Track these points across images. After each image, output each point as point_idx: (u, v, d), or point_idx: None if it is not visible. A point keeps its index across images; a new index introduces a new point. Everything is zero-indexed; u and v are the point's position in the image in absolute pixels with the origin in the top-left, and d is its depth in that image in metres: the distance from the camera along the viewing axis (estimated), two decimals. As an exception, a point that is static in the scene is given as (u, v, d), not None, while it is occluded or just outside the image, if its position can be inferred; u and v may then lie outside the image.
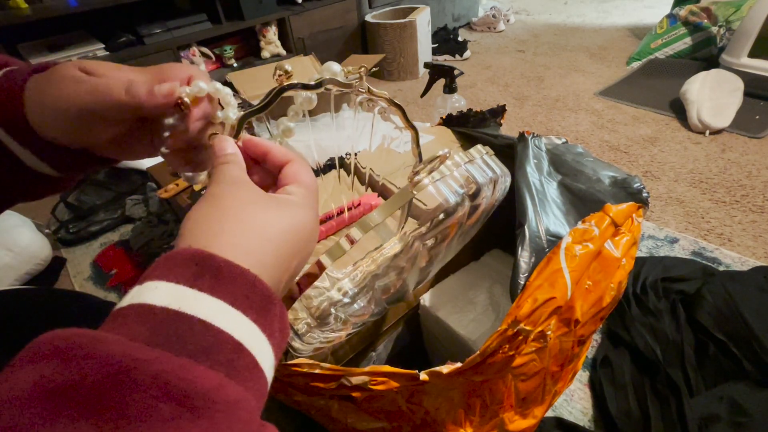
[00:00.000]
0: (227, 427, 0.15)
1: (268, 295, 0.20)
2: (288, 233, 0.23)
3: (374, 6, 2.16)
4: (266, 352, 0.19)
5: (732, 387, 0.62)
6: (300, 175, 0.26)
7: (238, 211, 0.22)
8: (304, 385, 0.42)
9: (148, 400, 0.14)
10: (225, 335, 0.17)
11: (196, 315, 0.17)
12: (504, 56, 2.18)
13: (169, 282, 0.18)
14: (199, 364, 0.16)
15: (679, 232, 1.00)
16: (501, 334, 0.39)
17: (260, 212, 0.22)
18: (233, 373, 0.17)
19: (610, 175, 0.55)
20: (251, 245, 0.21)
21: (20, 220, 1.08)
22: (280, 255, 0.22)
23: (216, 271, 0.19)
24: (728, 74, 1.43)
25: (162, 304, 0.17)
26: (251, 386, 0.18)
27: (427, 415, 0.45)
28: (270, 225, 0.22)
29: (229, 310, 0.18)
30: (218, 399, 0.15)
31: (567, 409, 0.68)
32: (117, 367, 0.14)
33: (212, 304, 0.18)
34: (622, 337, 0.73)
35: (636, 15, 2.58)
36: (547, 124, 1.53)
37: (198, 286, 0.18)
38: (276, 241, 0.22)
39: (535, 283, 0.41)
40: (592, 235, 0.44)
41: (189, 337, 0.17)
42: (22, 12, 1.36)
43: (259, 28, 1.86)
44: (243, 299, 0.19)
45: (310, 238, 0.24)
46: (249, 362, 0.18)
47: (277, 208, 0.23)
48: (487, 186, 0.36)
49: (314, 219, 0.25)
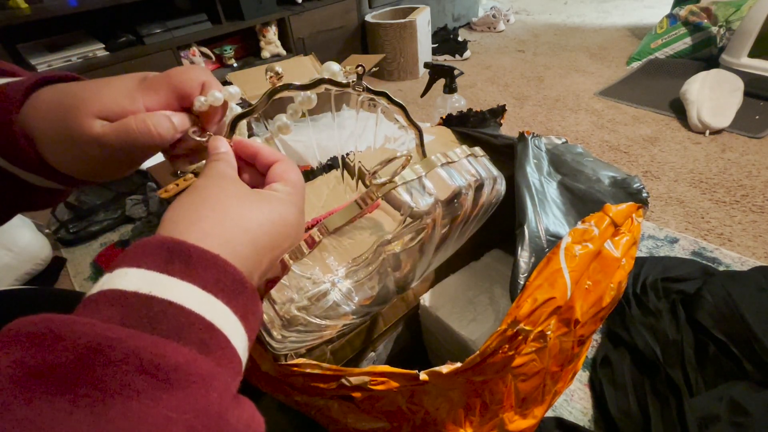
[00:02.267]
0: (201, 397, 0.16)
1: (239, 279, 0.20)
2: (266, 225, 0.23)
3: (374, 6, 2.16)
4: (239, 332, 0.20)
5: (732, 387, 0.62)
6: (286, 173, 0.27)
7: (217, 202, 0.23)
8: (304, 385, 0.42)
9: (122, 375, 0.15)
10: (196, 316, 0.18)
11: (167, 298, 0.18)
12: (504, 56, 2.18)
13: (140, 268, 0.18)
14: (171, 341, 0.17)
15: (679, 232, 1.00)
16: (501, 334, 0.39)
17: (240, 204, 0.23)
18: (205, 351, 0.18)
19: (610, 175, 0.55)
20: (227, 234, 0.21)
21: (20, 220, 1.08)
22: (257, 246, 0.22)
23: (187, 257, 0.19)
24: (728, 74, 1.43)
25: (133, 288, 0.18)
26: (225, 363, 0.18)
27: (427, 415, 0.45)
28: (248, 217, 0.23)
29: (200, 293, 0.19)
30: (192, 372, 0.16)
31: (567, 409, 0.68)
32: (90, 347, 0.15)
33: (183, 288, 0.18)
34: (622, 337, 0.73)
35: (636, 15, 2.58)
36: (547, 124, 1.53)
37: (169, 272, 0.19)
38: (253, 233, 0.22)
39: (535, 283, 0.41)
40: (592, 235, 0.44)
41: (161, 319, 0.17)
42: (22, 12, 1.36)
43: (259, 28, 1.86)
44: (214, 283, 0.19)
45: (290, 232, 0.25)
46: (221, 341, 0.19)
47: (257, 201, 0.24)
48: (467, 190, 0.35)
49: (296, 214, 0.25)
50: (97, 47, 1.53)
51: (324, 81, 0.33)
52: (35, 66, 1.41)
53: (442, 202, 0.33)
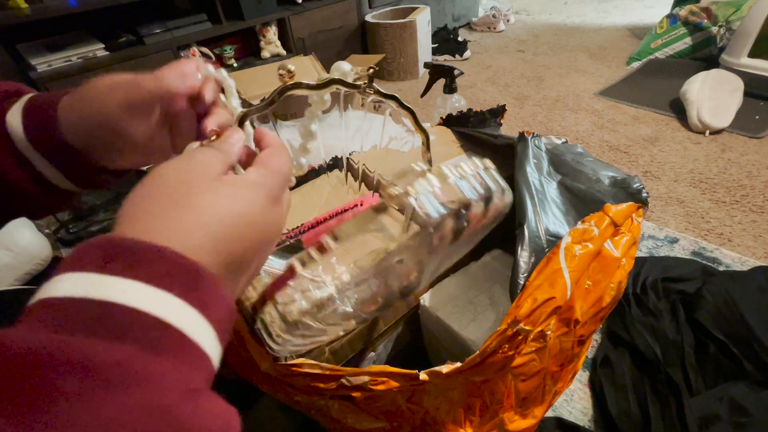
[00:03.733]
0: (148, 396, 0.15)
1: (194, 270, 0.19)
2: (223, 211, 0.22)
3: (374, 6, 2.16)
4: (199, 326, 0.19)
5: (732, 387, 0.62)
6: (268, 157, 0.26)
7: (171, 190, 0.22)
8: (304, 385, 0.42)
9: (50, 382, 0.14)
10: (140, 314, 0.17)
11: (105, 299, 0.17)
12: (504, 56, 2.18)
13: (76, 272, 0.18)
14: (105, 342, 0.16)
15: (679, 232, 1.00)
16: (500, 334, 0.39)
17: (198, 191, 0.22)
18: (154, 348, 0.17)
19: (610, 175, 0.55)
20: (177, 224, 0.21)
21: (20, 220, 1.08)
22: (218, 234, 0.21)
23: (129, 253, 0.19)
24: (728, 74, 1.43)
25: (66, 294, 0.17)
26: (182, 359, 0.18)
27: (427, 415, 0.45)
28: (204, 205, 0.22)
29: (146, 289, 0.18)
30: (133, 371, 0.15)
31: (567, 409, 0.68)
32: (13, 359, 0.14)
33: (125, 286, 0.18)
34: (622, 337, 0.73)
35: (636, 15, 2.58)
36: (547, 124, 1.53)
37: (108, 271, 0.18)
38: (209, 220, 0.21)
39: (535, 283, 0.41)
40: (592, 235, 0.44)
41: (98, 321, 0.17)
42: (22, 12, 1.36)
43: (259, 28, 1.86)
44: (163, 277, 0.18)
45: (256, 220, 0.23)
46: (175, 337, 0.18)
47: (220, 187, 0.23)
48: (478, 203, 0.34)
49: (265, 200, 0.24)
50: (97, 47, 1.53)
51: (335, 81, 0.33)
52: (35, 66, 1.41)
53: (452, 213, 0.33)
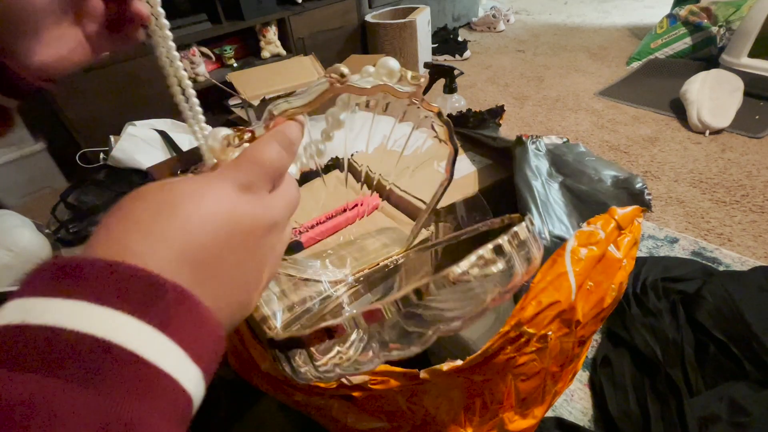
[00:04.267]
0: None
1: (152, 283, 0.18)
2: (193, 220, 0.20)
3: (374, 6, 2.16)
4: (158, 343, 0.17)
5: (732, 387, 0.62)
6: (251, 149, 0.24)
7: (132, 214, 0.20)
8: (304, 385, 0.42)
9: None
10: (80, 336, 0.16)
11: (42, 323, 0.16)
12: (504, 56, 2.18)
13: (21, 298, 0.17)
14: (19, 372, 0.14)
15: (679, 232, 1.00)
16: (503, 336, 0.39)
17: (173, 199, 0.20)
18: (91, 376, 0.15)
19: (612, 175, 0.55)
20: (137, 240, 0.19)
21: (20, 220, 1.08)
22: (181, 246, 0.19)
23: (75, 272, 0.17)
24: (728, 74, 1.43)
25: (2, 323, 0.16)
26: (126, 384, 0.16)
27: (427, 415, 0.45)
28: (167, 216, 0.20)
29: (91, 308, 0.16)
30: (33, 407, 0.14)
31: (567, 409, 0.68)
32: None
33: (65, 307, 0.16)
34: (622, 337, 0.73)
35: (636, 15, 2.58)
36: (547, 124, 1.53)
37: (51, 293, 0.17)
38: (177, 233, 0.19)
39: (540, 286, 0.41)
40: (598, 238, 0.44)
41: (27, 349, 0.15)
42: (22, 12, 1.36)
43: (259, 28, 1.86)
44: (111, 294, 0.17)
45: (229, 216, 0.21)
46: (123, 358, 0.16)
47: (180, 195, 0.21)
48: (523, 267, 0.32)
49: (233, 191, 0.22)
50: (97, 47, 1.53)
51: (383, 87, 0.30)
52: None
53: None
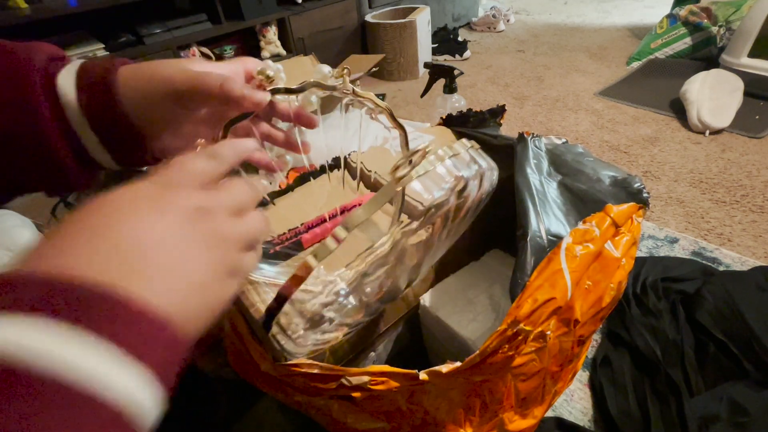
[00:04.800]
0: None
1: (85, 289, 0.17)
2: (120, 222, 0.20)
3: (374, 6, 2.16)
4: (88, 355, 0.16)
5: (732, 387, 0.62)
6: (179, 157, 0.25)
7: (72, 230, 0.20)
8: (304, 385, 0.42)
9: None
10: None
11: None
12: (504, 56, 2.18)
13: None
14: None
15: (679, 232, 1.00)
16: (500, 334, 0.39)
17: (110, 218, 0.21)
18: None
19: (611, 175, 0.55)
20: (67, 251, 0.19)
21: (20, 220, 1.08)
22: (106, 247, 0.19)
23: (6, 285, 0.17)
24: (728, 74, 1.43)
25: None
26: (35, 409, 0.14)
27: (427, 415, 0.45)
28: (101, 223, 0.20)
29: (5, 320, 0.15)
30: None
31: (567, 409, 0.68)
32: None
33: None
34: (622, 337, 0.73)
35: (636, 15, 2.58)
36: (547, 124, 1.53)
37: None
38: (108, 235, 0.19)
39: (536, 284, 0.41)
40: (593, 235, 0.44)
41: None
42: (22, 12, 1.36)
43: (259, 28, 1.86)
44: (34, 302, 0.16)
45: (147, 211, 0.22)
46: (29, 377, 0.14)
47: (122, 204, 0.22)
48: (474, 180, 0.36)
49: (155, 189, 0.23)
50: (97, 47, 1.53)
51: (312, 84, 0.33)
52: (35, 66, 1.41)
53: (454, 193, 0.34)
